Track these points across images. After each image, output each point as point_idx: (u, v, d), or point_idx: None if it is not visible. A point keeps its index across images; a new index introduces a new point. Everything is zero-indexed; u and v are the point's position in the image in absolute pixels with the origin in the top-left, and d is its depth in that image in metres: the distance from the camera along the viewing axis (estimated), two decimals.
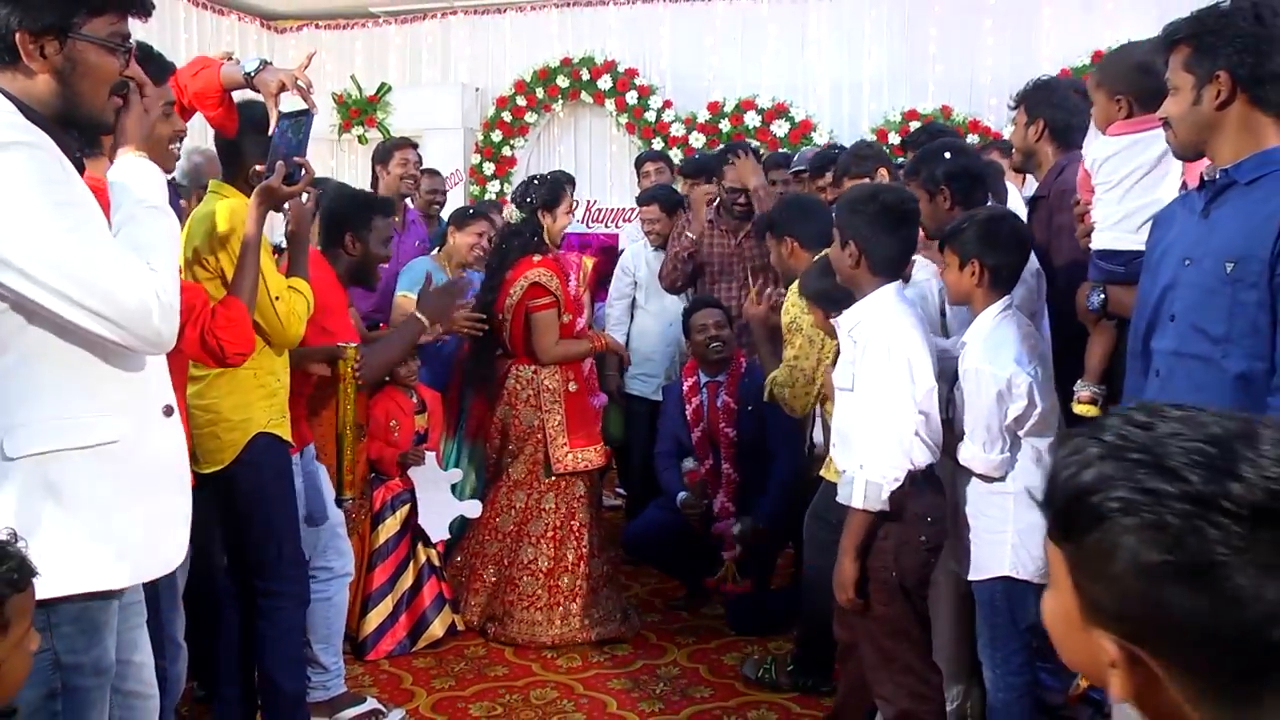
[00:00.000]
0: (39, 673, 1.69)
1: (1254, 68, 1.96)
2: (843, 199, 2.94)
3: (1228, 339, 1.97)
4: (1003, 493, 2.71)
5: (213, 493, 2.84)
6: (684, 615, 4.35)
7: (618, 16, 7.87)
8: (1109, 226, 2.62)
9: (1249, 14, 1.96)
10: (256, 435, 2.86)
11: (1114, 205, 2.61)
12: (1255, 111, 2.00)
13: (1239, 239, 1.97)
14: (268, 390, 2.91)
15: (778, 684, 3.64)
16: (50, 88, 1.74)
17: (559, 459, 4.05)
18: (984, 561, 2.75)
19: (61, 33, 1.71)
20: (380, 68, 8.36)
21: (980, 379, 2.66)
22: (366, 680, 3.76)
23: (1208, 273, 2.02)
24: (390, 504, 4.01)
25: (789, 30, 7.51)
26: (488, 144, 8.04)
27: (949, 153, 3.10)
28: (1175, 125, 2.09)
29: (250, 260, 2.67)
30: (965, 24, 7.18)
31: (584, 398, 4.17)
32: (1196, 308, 2.03)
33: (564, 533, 4.08)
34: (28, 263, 1.62)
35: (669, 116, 7.66)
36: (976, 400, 2.67)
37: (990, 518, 2.74)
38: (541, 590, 4.06)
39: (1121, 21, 6.41)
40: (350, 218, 3.43)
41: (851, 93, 7.47)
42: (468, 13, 8.21)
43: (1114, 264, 2.60)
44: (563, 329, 4.12)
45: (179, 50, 7.37)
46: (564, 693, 3.66)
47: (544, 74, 7.86)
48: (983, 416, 2.66)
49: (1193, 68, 2.02)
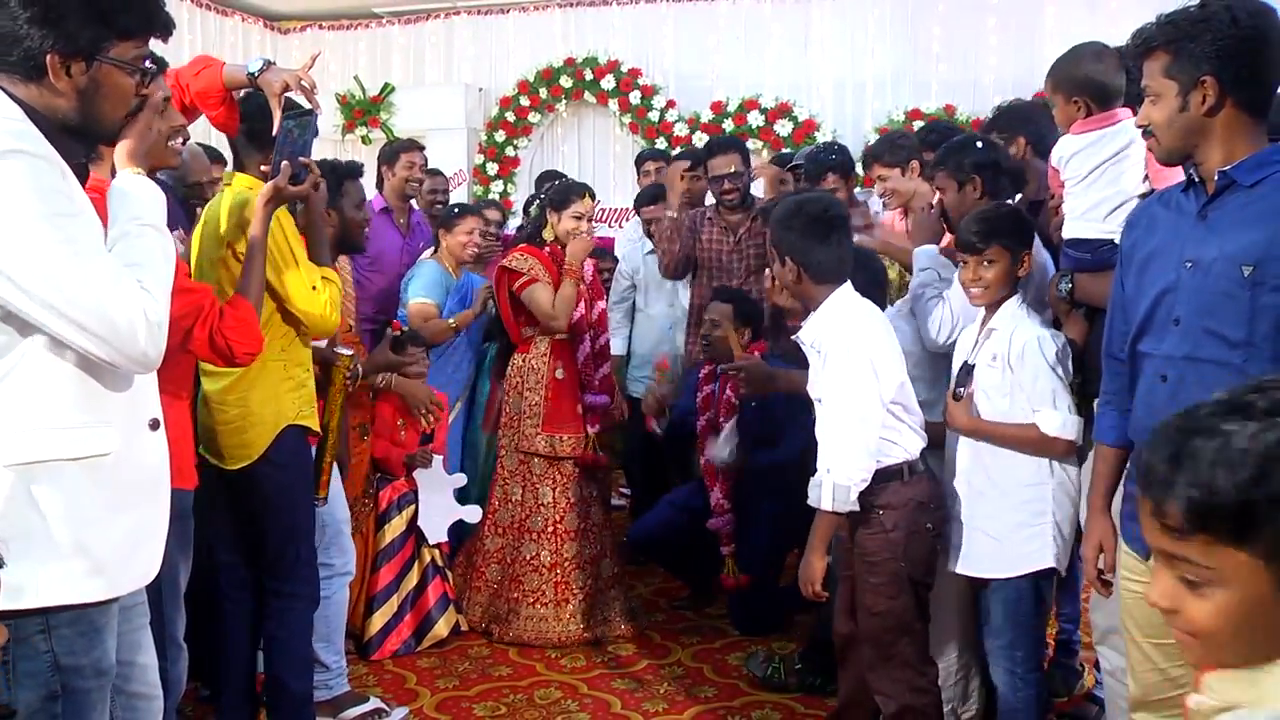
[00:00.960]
0: (38, 674, 1.69)
1: (1239, 71, 1.97)
2: (772, 217, 2.97)
3: (1249, 343, 1.96)
4: (1041, 483, 2.74)
5: (229, 490, 2.84)
6: (688, 615, 4.36)
7: (621, 16, 7.87)
8: (1077, 217, 2.73)
9: (1225, 17, 1.95)
10: (286, 429, 2.87)
11: (1081, 197, 2.72)
12: (1242, 114, 2.00)
13: (1257, 242, 1.97)
14: (296, 381, 2.92)
15: (785, 683, 3.64)
16: (71, 105, 1.76)
17: (527, 437, 4.05)
18: (1018, 557, 2.75)
19: (90, 56, 1.74)
20: (384, 68, 8.36)
21: (1042, 345, 2.71)
22: (370, 680, 3.77)
23: (1220, 276, 2.00)
24: (396, 504, 4.01)
25: (792, 30, 7.51)
26: (491, 144, 8.04)
27: (980, 143, 3.17)
28: (1160, 132, 2.09)
29: (257, 260, 2.67)
30: (969, 23, 7.18)
31: (570, 387, 4.13)
32: (1209, 311, 2.02)
33: (568, 528, 4.08)
34: (17, 271, 1.62)
35: (672, 116, 7.66)
36: (1041, 369, 2.70)
37: (1028, 509, 2.75)
38: (547, 586, 4.05)
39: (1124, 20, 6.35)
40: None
41: (855, 92, 7.47)
42: (471, 13, 8.21)
43: (1082, 252, 2.73)
44: None
45: (182, 50, 7.37)
46: (568, 692, 3.66)
47: (547, 74, 7.86)
48: (1050, 380, 2.70)
49: (1174, 74, 2.02)
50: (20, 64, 1.71)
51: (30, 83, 1.73)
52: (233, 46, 7.99)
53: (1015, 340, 2.75)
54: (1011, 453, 2.77)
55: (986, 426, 2.80)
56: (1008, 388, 2.76)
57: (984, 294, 2.83)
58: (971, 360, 2.85)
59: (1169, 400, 2.07)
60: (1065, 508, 2.76)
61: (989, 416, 2.80)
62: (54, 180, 1.67)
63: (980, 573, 2.82)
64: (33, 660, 1.69)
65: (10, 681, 1.67)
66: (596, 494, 4.20)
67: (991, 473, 2.80)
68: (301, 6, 8.35)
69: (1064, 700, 3.46)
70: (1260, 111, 2.02)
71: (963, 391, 2.84)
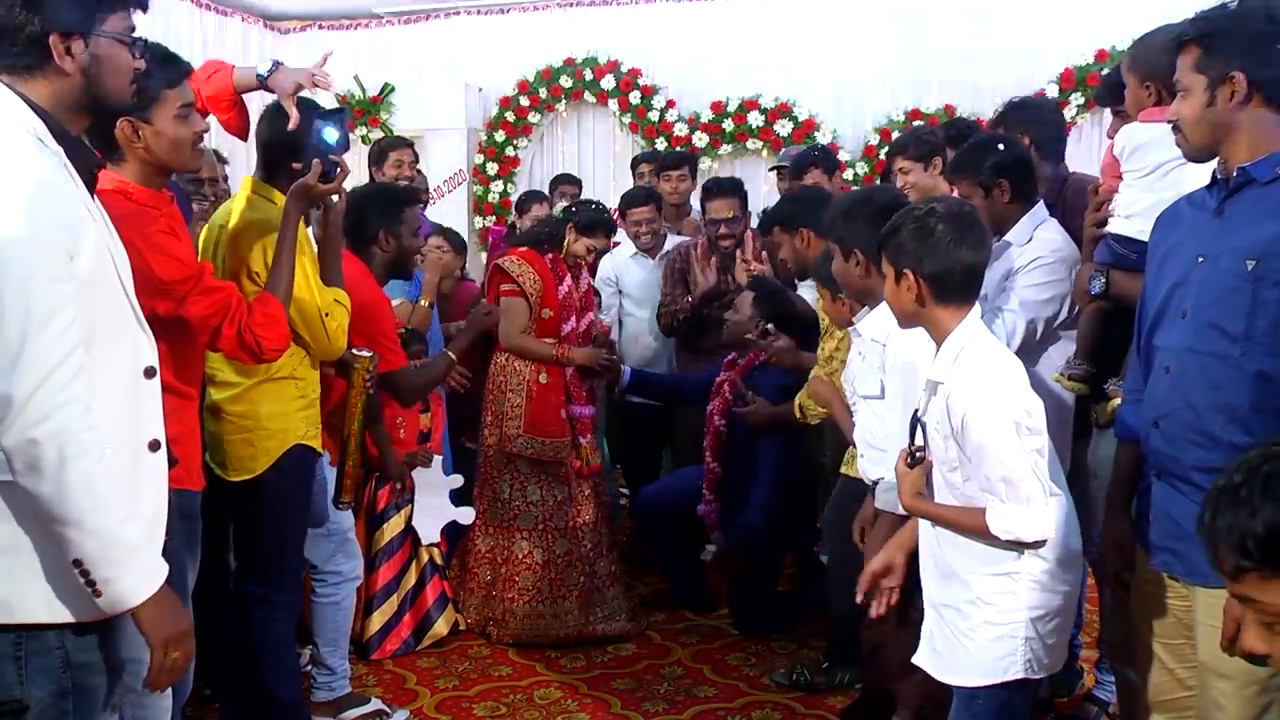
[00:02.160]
0: (50, 671, 1.69)
1: (1269, 67, 1.96)
2: (834, 209, 2.88)
3: (1248, 337, 1.96)
4: (1013, 573, 2.21)
5: (232, 498, 2.84)
6: (688, 615, 4.36)
7: (621, 16, 7.85)
8: (1136, 213, 2.56)
9: (1261, 14, 1.95)
10: (293, 446, 2.86)
11: (1143, 192, 2.56)
12: (1270, 111, 1.99)
13: (1262, 237, 1.97)
14: (307, 401, 2.91)
15: (814, 685, 3.61)
16: (79, 84, 1.76)
17: (508, 437, 4.05)
18: (983, 664, 2.24)
19: (85, 33, 1.75)
20: (383, 68, 8.34)
21: (987, 418, 2.13)
22: (370, 680, 3.77)
23: (1226, 270, 2.01)
24: (395, 503, 4.01)
25: (792, 30, 7.49)
26: (491, 144, 8.04)
27: (1001, 144, 3.02)
28: (1187, 127, 2.08)
29: (286, 258, 2.67)
30: (969, 23, 7.17)
31: (554, 394, 4.12)
32: (1213, 304, 2.02)
33: (558, 525, 4.08)
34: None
35: (672, 116, 7.65)
36: (987, 449, 2.13)
37: (993, 607, 2.22)
38: (542, 584, 4.05)
39: (1125, 20, 6.39)
40: (381, 214, 3.41)
41: (854, 92, 7.45)
42: (471, 13, 8.19)
43: (1130, 249, 2.57)
44: (544, 325, 4.12)
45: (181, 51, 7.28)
46: (568, 692, 3.66)
47: (547, 74, 7.85)
48: (1000, 466, 2.13)
49: (1204, 69, 2.01)
50: (24, 53, 1.71)
51: (37, 74, 1.73)
52: (233, 47, 7.97)
53: (955, 407, 2.15)
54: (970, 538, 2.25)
55: (931, 509, 2.30)
56: (956, 460, 2.21)
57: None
58: (922, 414, 2.32)
59: (1169, 392, 2.08)
60: (1041, 599, 2.22)
61: (940, 489, 2.29)
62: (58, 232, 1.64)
63: (942, 675, 2.33)
64: (45, 656, 1.69)
65: (22, 677, 1.68)
66: (590, 492, 4.20)
67: (948, 556, 2.29)
68: (301, 6, 8.34)
69: (1065, 700, 3.46)
70: None
71: (922, 454, 2.30)
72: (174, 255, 2.33)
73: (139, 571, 1.71)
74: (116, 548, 1.66)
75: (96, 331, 1.71)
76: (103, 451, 1.65)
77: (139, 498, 1.79)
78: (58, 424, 1.59)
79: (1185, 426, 2.04)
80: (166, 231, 2.35)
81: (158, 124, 2.38)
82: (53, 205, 1.64)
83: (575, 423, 4.15)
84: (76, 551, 1.64)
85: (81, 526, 1.62)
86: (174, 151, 2.42)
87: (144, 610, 1.72)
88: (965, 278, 2.20)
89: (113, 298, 1.77)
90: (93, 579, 1.66)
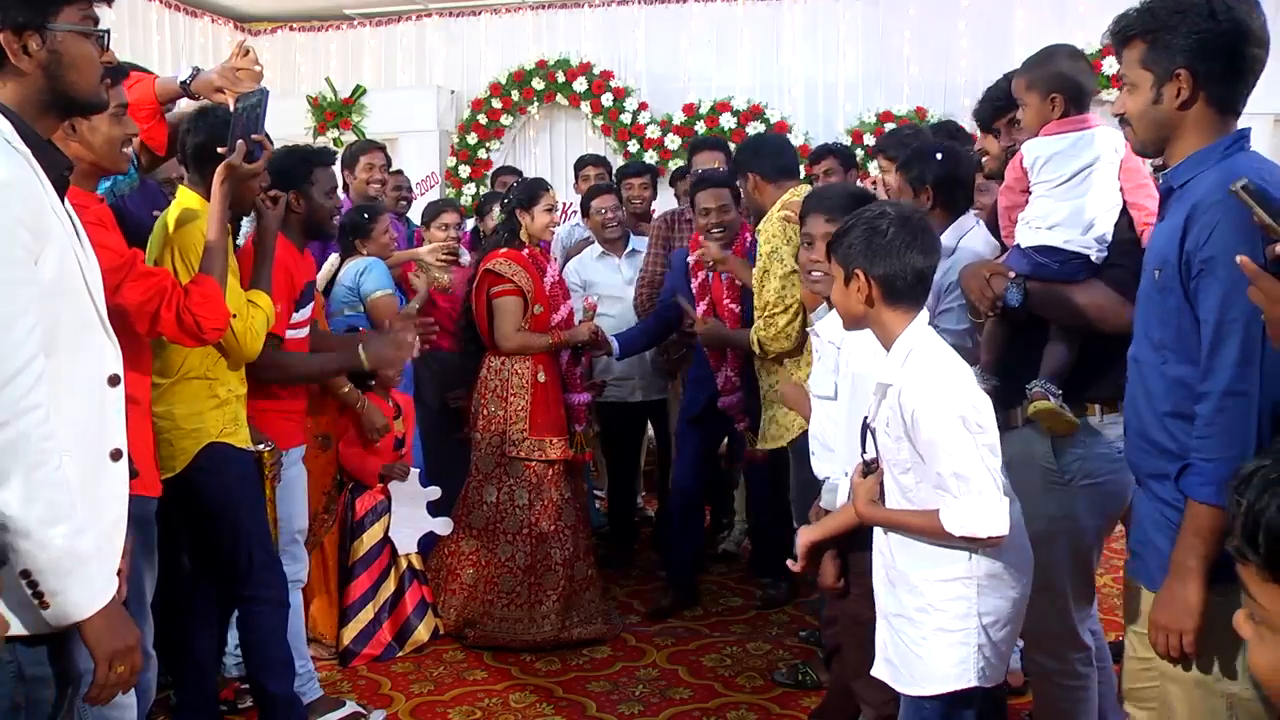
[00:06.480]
0: (2, 686, 1.65)
1: (1214, 66, 1.91)
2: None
3: (1164, 345, 1.96)
4: (964, 578, 2.16)
5: (174, 498, 2.83)
6: (663, 617, 4.36)
7: (593, 19, 7.86)
8: (1058, 223, 2.56)
9: (1204, 9, 1.90)
10: (209, 445, 2.87)
11: (1058, 202, 2.57)
12: (1213, 111, 1.95)
13: (1160, 246, 1.96)
14: (219, 400, 2.91)
15: (819, 682, 3.61)
16: (40, 83, 1.72)
17: (515, 443, 4.05)
18: (935, 671, 2.19)
19: (40, 26, 1.70)
20: (355, 70, 8.31)
21: (937, 411, 2.11)
22: (345, 686, 3.75)
23: (1146, 279, 2.02)
24: (373, 511, 4.00)
25: (764, 32, 7.53)
26: (463, 147, 8.02)
27: (940, 155, 3.06)
28: (1134, 122, 2.04)
29: (218, 239, 2.70)
30: (939, 26, 7.23)
31: (553, 390, 4.15)
32: (1143, 315, 2.04)
33: (543, 530, 4.07)
34: None
35: (644, 118, 7.66)
36: (938, 444, 2.11)
37: (945, 613, 2.17)
38: (521, 588, 4.05)
39: (1093, 23, 6.45)
40: (290, 175, 3.27)
41: (826, 94, 7.50)
42: (442, 15, 8.18)
43: (1052, 259, 2.55)
44: (536, 321, 4.12)
45: (150, 52, 7.31)
46: (543, 696, 3.65)
47: (519, 76, 7.84)
48: (951, 461, 2.10)
49: (1150, 65, 1.97)
50: None
51: None
52: (202, 47, 7.92)
53: (905, 404, 2.14)
54: (922, 542, 2.21)
55: (885, 515, 2.27)
56: (909, 460, 2.18)
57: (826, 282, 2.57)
58: (871, 420, 2.28)
59: (1128, 402, 2.10)
60: (992, 603, 2.18)
61: (892, 494, 2.26)
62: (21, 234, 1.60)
63: (900, 686, 2.28)
64: None
65: None
66: (570, 496, 4.20)
67: (899, 562, 2.25)
68: (272, 7, 8.29)
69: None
70: (1233, 110, 1.96)
71: (875, 463, 2.29)
72: (103, 244, 2.26)
73: (89, 584, 1.66)
74: (68, 559, 1.62)
75: (60, 338, 1.67)
76: (60, 460, 1.62)
77: (98, 508, 1.76)
78: (16, 431, 1.56)
79: (1137, 434, 2.05)
80: (95, 222, 2.30)
81: (95, 120, 2.35)
82: (16, 206, 1.60)
83: (572, 411, 4.18)
84: (27, 562, 1.59)
85: (32, 537, 1.58)
86: (107, 148, 2.42)
87: (91, 624, 1.67)
88: (915, 281, 2.20)
89: (79, 304, 1.73)
90: (40, 590, 1.61)
